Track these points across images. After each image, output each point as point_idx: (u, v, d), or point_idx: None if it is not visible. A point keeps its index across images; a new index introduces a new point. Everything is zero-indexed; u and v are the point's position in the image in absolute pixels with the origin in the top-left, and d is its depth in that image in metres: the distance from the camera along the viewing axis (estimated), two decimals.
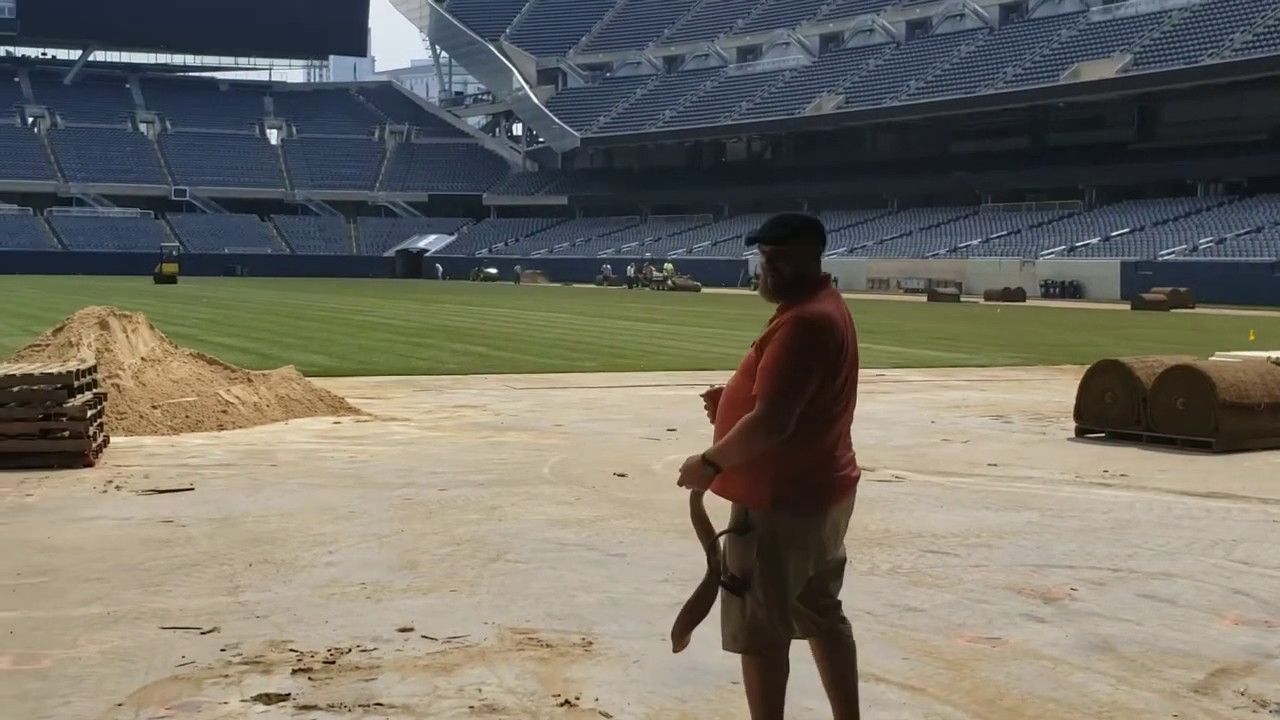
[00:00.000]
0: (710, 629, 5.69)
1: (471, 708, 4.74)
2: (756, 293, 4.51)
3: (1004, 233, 75.87)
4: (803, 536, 3.92)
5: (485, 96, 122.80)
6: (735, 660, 5.30)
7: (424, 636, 5.60)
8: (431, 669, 5.18)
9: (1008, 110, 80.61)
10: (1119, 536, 7.98)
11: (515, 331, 28.79)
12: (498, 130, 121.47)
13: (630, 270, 75.76)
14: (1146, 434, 12.44)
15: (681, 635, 4.16)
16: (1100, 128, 79.45)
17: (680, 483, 4.02)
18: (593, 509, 8.60)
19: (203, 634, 5.62)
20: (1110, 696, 4.92)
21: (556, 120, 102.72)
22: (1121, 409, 12.67)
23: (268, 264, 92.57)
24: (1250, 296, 54.90)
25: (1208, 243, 64.75)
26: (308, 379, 14.32)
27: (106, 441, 10.79)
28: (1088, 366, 13.07)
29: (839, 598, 4.17)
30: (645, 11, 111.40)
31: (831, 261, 76.38)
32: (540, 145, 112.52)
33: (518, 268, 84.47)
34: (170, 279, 66.23)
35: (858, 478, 4.08)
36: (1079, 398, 13.12)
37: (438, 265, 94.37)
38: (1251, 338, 25.71)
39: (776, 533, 3.93)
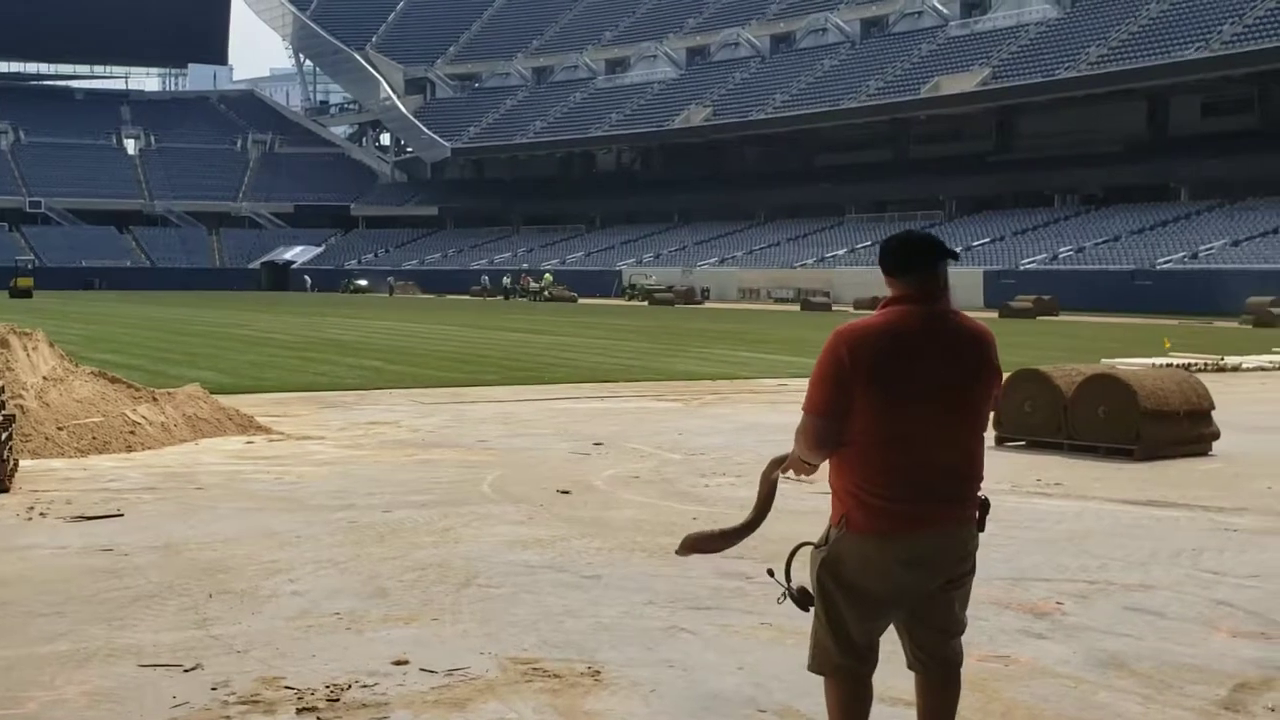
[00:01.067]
0: (718, 655, 5.56)
1: None
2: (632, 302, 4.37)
3: (869, 243, 76.86)
4: (868, 560, 3.75)
5: (351, 106, 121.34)
6: (753, 688, 5.17)
7: (422, 669, 5.34)
8: (444, 704, 4.93)
9: (870, 123, 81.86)
10: (1081, 547, 8.00)
11: (407, 345, 28.32)
12: (365, 140, 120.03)
13: (506, 281, 75.26)
14: (1068, 442, 12.58)
15: (688, 551, 4.27)
16: (960, 140, 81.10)
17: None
18: (548, 528, 8.38)
19: (186, 671, 5.30)
20: (1144, 716, 4.86)
21: (426, 130, 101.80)
22: (1042, 417, 12.80)
23: (127, 277, 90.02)
24: (1111, 304, 56.37)
25: (1067, 252, 66.44)
26: (214, 397, 13.84)
27: (16, 465, 10.26)
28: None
29: (954, 638, 3.95)
30: (513, 23, 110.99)
31: (704, 273, 76.86)
32: (409, 155, 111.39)
33: (390, 279, 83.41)
34: (25, 293, 64.32)
35: (950, 511, 3.77)
36: (998, 406, 13.22)
37: (306, 277, 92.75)
38: (1167, 346, 26.24)
39: (839, 552, 3.80)
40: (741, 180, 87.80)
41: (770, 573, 4.02)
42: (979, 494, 3.88)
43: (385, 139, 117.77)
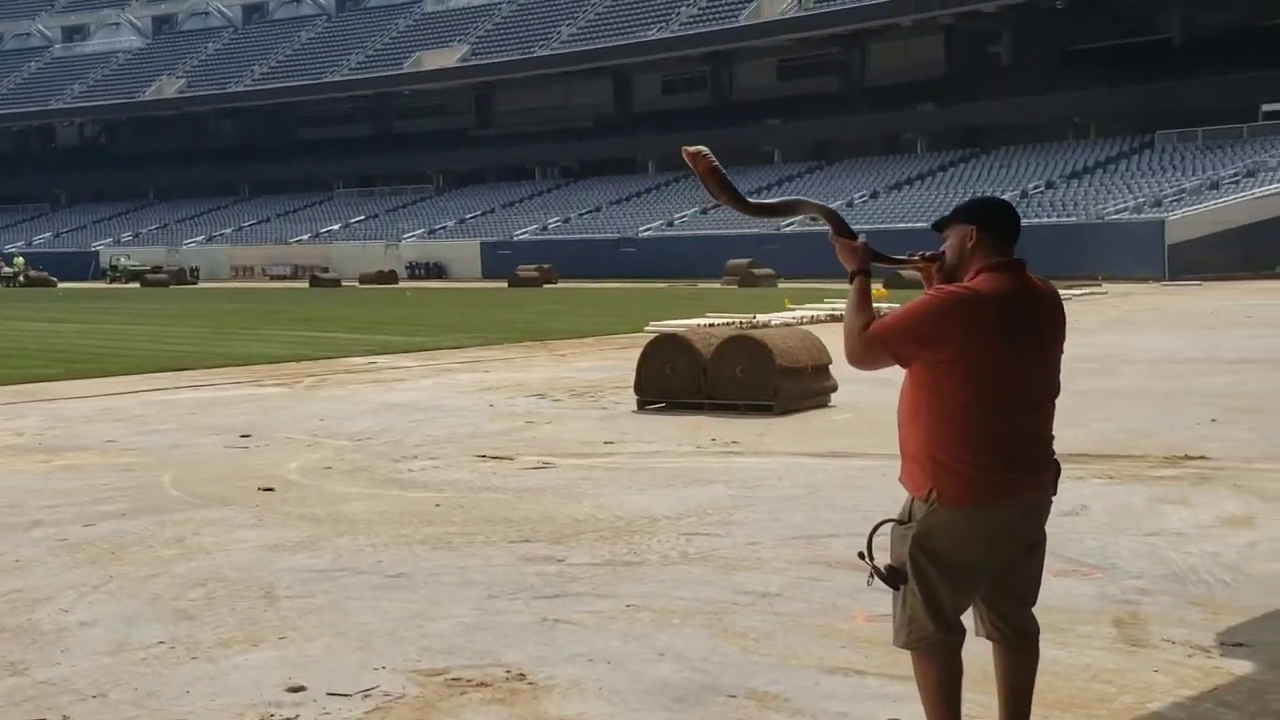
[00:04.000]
0: (623, 644, 5.36)
1: None
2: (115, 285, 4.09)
3: (362, 217, 76.49)
4: (963, 532, 3.72)
5: None
6: (694, 673, 5.04)
7: (330, 694, 4.82)
8: None
9: (354, 97, 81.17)
10: (827, 501, 8.30)
11: None
12: None
13: None
14: (708, 401, 13.03)
15: (695, 157, 3.83)
16: (443, 115, 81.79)
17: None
18: (294, 530, 7.76)
19: None
20: (1073, 659, 5.07)
21: None
22: (682, 379, 13.19)
23: None
24: (603, 270, 58.93)
25: (556, 222, 68.71)
26: None
27: None
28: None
29: (1031, 607, 3.95)
30: None
31: (191, 251, 73.61)
32: None
33: None
34: None
35: (1038, 477, 3.79)
36: (639, 371, 13.48)
37: None
38: (788, 305, 27.89)
39: (930, 527, 3.75)
40: (221, 155, 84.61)
41: (862, 555, 3.90)
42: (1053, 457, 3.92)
43: None
